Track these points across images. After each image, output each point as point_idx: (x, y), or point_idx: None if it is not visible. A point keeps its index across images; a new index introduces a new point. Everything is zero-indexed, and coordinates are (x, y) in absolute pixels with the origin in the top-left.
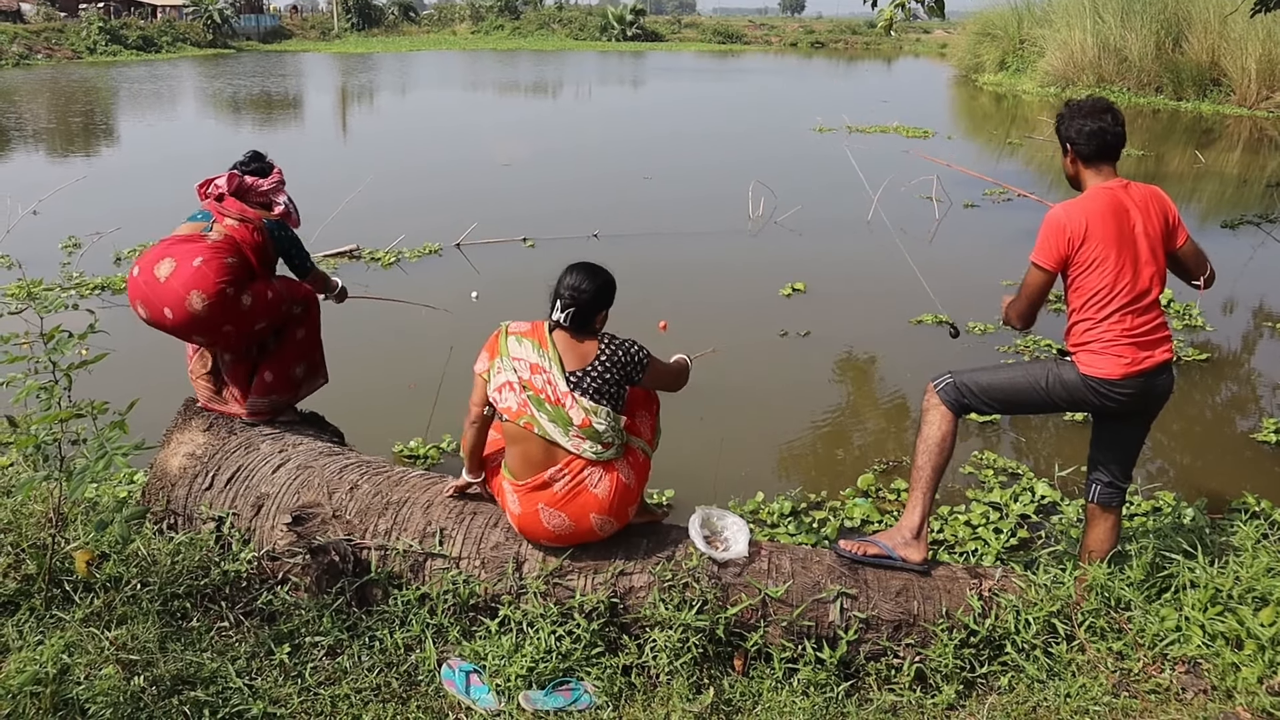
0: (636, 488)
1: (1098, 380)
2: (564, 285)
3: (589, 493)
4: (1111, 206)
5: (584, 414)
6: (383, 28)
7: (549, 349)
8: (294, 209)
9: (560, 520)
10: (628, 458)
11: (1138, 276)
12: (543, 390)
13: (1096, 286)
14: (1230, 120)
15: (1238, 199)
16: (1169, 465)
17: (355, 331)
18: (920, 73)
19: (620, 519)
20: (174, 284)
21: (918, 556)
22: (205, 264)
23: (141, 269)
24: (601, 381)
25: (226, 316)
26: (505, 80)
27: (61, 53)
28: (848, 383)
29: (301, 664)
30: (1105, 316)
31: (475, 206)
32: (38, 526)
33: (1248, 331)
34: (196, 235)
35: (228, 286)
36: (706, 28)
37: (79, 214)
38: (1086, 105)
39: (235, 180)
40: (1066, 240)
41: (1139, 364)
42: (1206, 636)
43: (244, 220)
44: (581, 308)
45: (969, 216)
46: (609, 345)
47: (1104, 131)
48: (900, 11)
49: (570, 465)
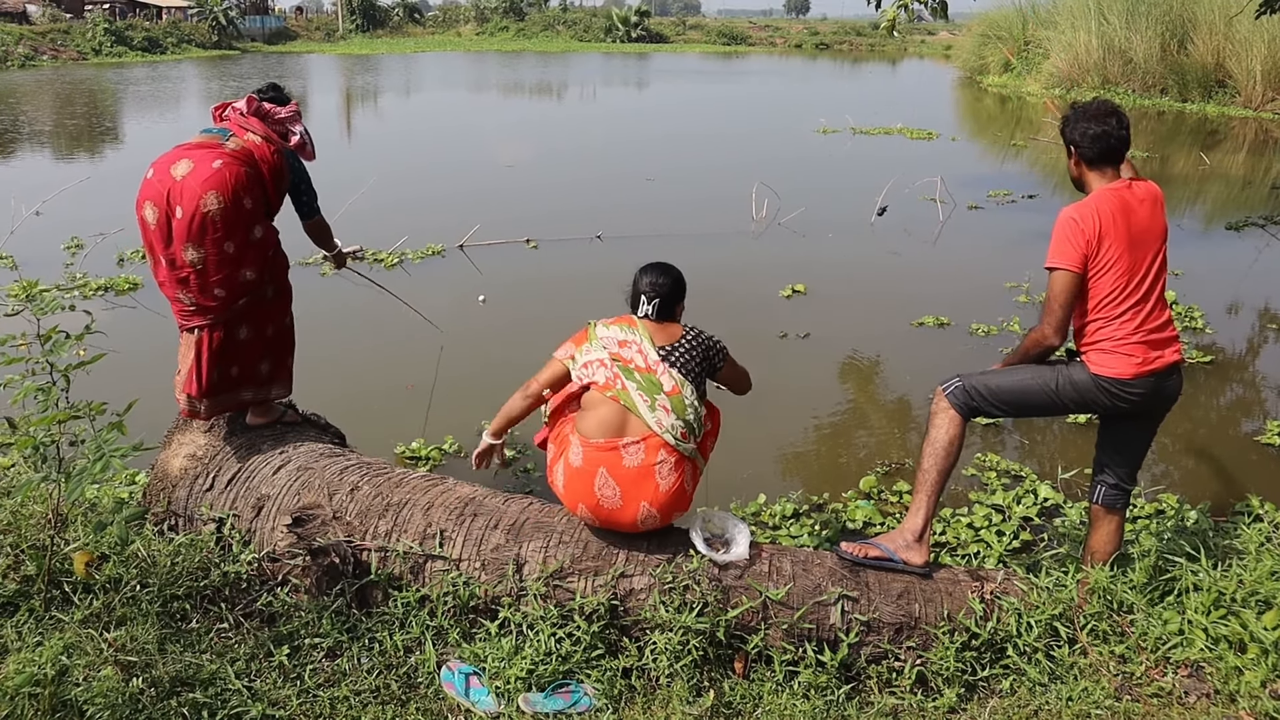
0: (689, 498)
1: (1109, 380)
2: (644, 283)
3: (654, 479)
4: (1120, 206)
5: (674, 382)
6: (387, 29)
7: (638, 327)
8: (309, 140)
9: (612, 493)
10: (693, 468)
11: (1147, 275)
12: (632, 360)
13: (1111, 287)
14: (1235, 122)
15: (1242, 201)
16: (1172, 467)
17: (356, 333)
18: (925, 74)
19: (664, 520)
20: (191, 182)
21: (919, 559)
22: (225, 167)
23: (156, 169)
24: (689, 359)
25: (233, 231)
26: (509, 81)
27: (67, 54)
28: (849, 385)
29: (301, 666)
30: (1118, 315)
31: (478, 207)
32: (37, 528)
33: (1252, 334)
34: (214, 142)
35: (245, 197)
36: (711, 29)
37: (82, 215)
38: (1092, 108)
39: (254, 103)
40: (1086, 241)
41: (1150, 364)
42: (1209, 640)
43: (267, 140)
44: (664, 298)
45: (973, 218)
46: (693, 330)
47: (1108, 135)
48: (904, 13)
49: (648, 441)
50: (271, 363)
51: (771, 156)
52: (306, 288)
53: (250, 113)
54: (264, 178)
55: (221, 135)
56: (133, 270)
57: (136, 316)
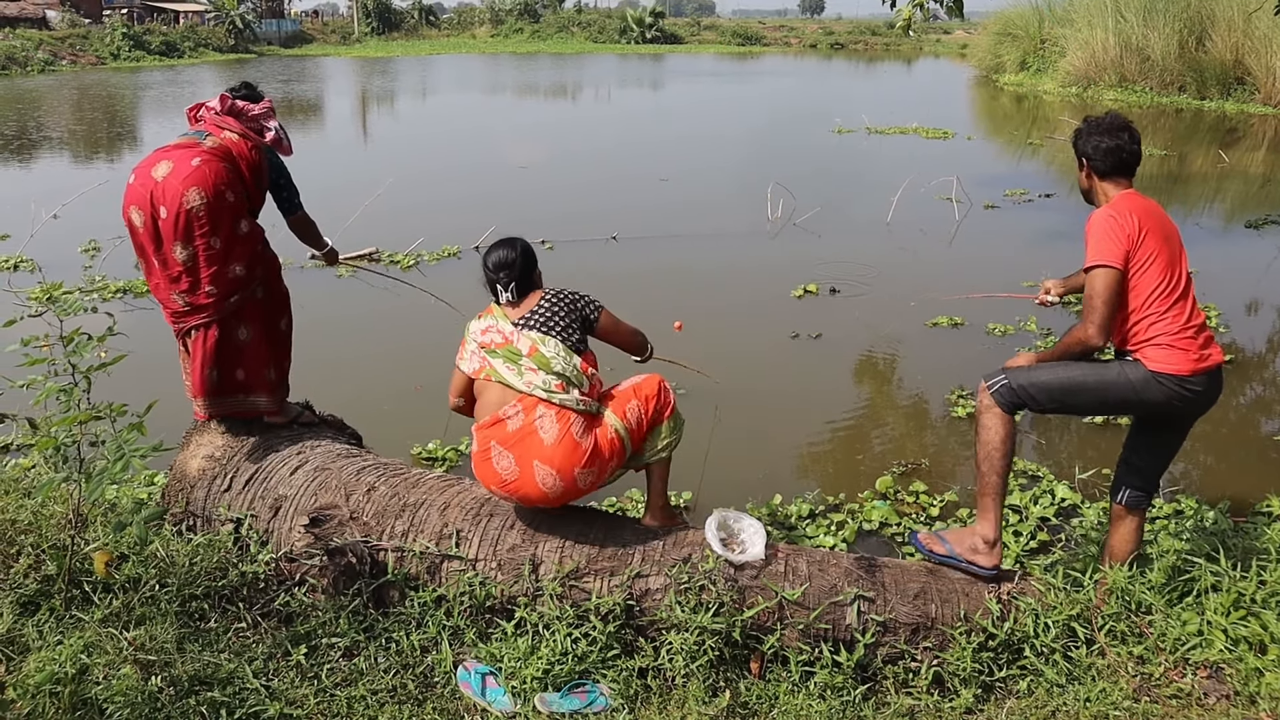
0: (593, 453)
1: (1168, 376)
2: (491, 267)
3: (536, 435)
4: (1149, 206)
5: (530, 343)
6: (403, 32)
7: (495, 313)
8: (285, 136)
9: (508, 463)
10: (592, 424)
11: (1183, 273)
12: (491, 341)
13: (1156, 281)
14: (1255, 119)
15: (1263, 198)
16: (1192, 467)
17: (371, 335)
18: (940, 73)
19: (565, 477)
20: (172, 181)
21: (989, 563)
22: (204, 164)
23: (137, 174)
24: (547, 316)
25: (218, 226)
26: (524, 83)
27: (86, 59)
28: (864, 385)
29: (318, 665)
30: (1167, 310)
31: (493, 209)
32: (58, 527)
33: (1273, 333)
34: (192, 142)
35: (227, 191)
36: (726, 29)
37: (99, 218)
38: (1105, 122)
39: (227, 101)
40: (1127, 236)
41: (1206, 360)
42: (1229, 641)
43: (244, 136)
44: (517, 279)
45: (989, 217)
46: (550, 291)
47: (1120, 149)
48: (919, 11)
49: (523, 402)
50: (278, 369)
51: (787, 157)
52: (323, 290)
53: (224, 111)
54: (243, 173)
55: (199, 136)
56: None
57: (155, 318)
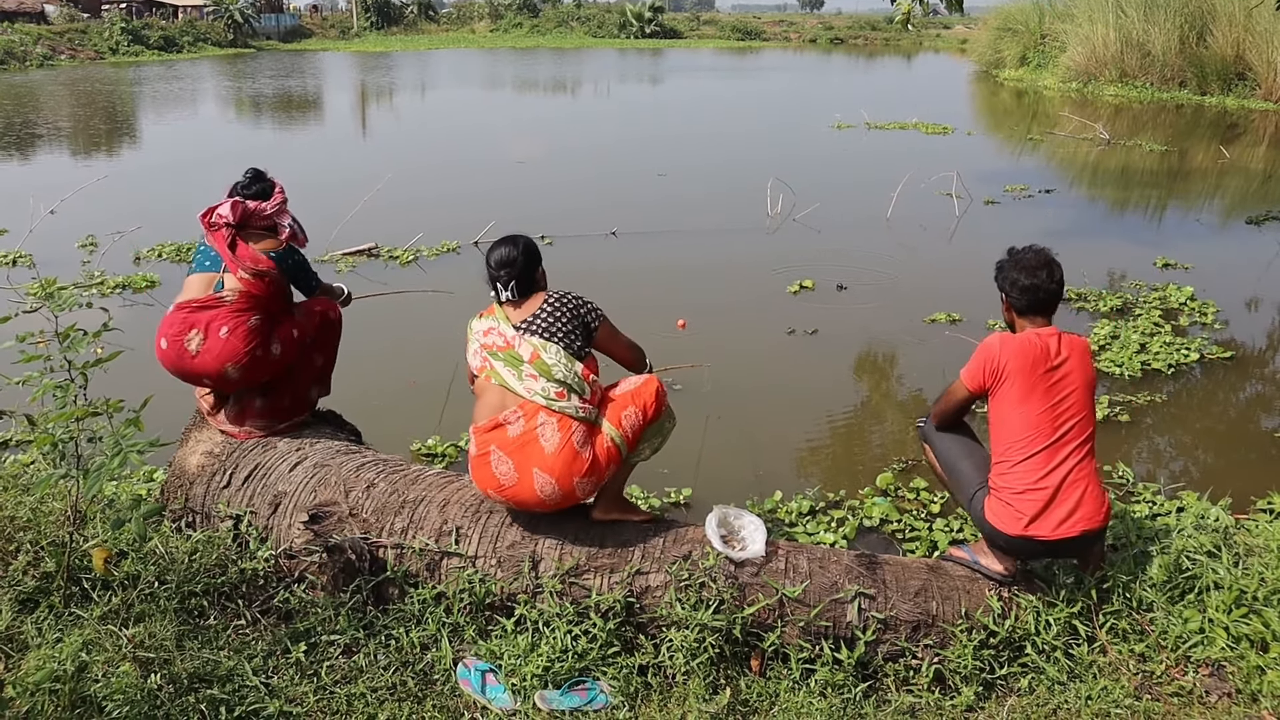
0: (592, 464)
1: (991, 529)
2: (493, 265)
3: (537, 443)
4: (1041, 352)
5: (532, 349)
6: (402, 26)
7: (497, 313)
8: (300, 228)
9: (506, 468)
10: (591, 432)
11: (1061, 425)
12: (493, 344)
13: (1018, 429)
14: (1256, 115)
15: (1263, 194)
16: (1191, 464)
17: (371, 330)
18: (940, 68)
19: (564, 485)
20: (206, 359)
21: (998, 566)
22: (232, 333)
23: (169, 342)
24: (549, 321)
25: (261, 372)
26: (523, 78)
27: (84, 53)
28: (863, 381)
29: (318, 662)
30: (1023, 460)
31: (492, 204)
32: (56, 524)
33: (1272, 329)
34: (212, 300)
35: (257, 349)
36: (725, 24)
37: (96, 213)
38: (1026, 259)
39: (240, 209)
40: (991, 371)
41: (1036, 528)
42: (1230, 639)
43: (258, 275)
44: (519, 277)
45: (990, 213)
46: (553, 294)
47: (1038, 289)
48: (919, 6)
49: (524, 408)
50: (320, 386)
51: (786, 152)
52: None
53: (237, 220)
54: (268, 302)
55: (215, 268)
56: (149, 268)
57: (154, 314)
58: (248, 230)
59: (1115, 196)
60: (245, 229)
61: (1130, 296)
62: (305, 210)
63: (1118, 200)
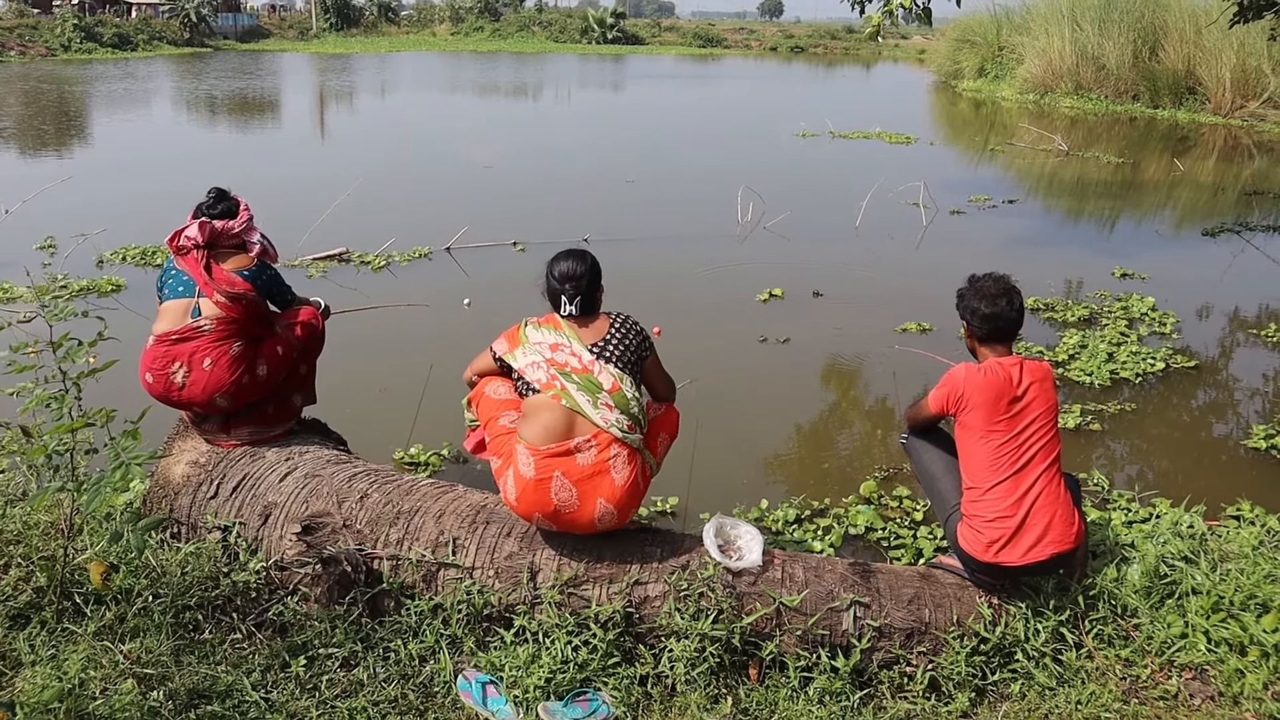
0: (642, 494)
1: (963, 554)
2: (557, 277)
3: (610, 476)
4: (1005, 383)
5: (613, 379)
6: (361, 28)
7: (563, 329)
8: (269, 244)
9: (568, 496)
10: (644, 463)
11: (1025, 451)
12: (566, 363)
13: (978, 457)
14: (1205, 128)
15: (1213, 206)
16: (1163, 471)
17: (345, 338)
18: (900, 78)
19: (621, 518)
20: (194, 391)
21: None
22: (215, 364)
23: (155, 376)
24: (622, 350)
25: (250, 395)
26: (486, 82)
27: (35, 49)
28: (836, 389)
29: (317, 676)
30: (992, 486)
31: (461, 209)
32: (46, 537)
33: (1229, 339)
34: (190, 330)
35: (243, 376)
36: (686, 31)
37: (53, 214)
38: (987, 288)
39: (207, 229)
40: (955, 399)
41: (1003, 554)
42: (1211, 643)
43: (234, 298)
44: (584, 294)
45: (955, 223)
46: (617, 318)
47: (998, 317)
48: (889, 19)
49: (598, 437)
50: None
51: (752, 160)
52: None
53: (205, 241)
54: (246, 325)
55: (189, 294)
56: (114, 271)
57: (120, 318)
58: (217, 250)
59: (1074, 207)
60: (214, 248)
61: (1095, 306)
62: (268, 212)
63: (1077, 210)
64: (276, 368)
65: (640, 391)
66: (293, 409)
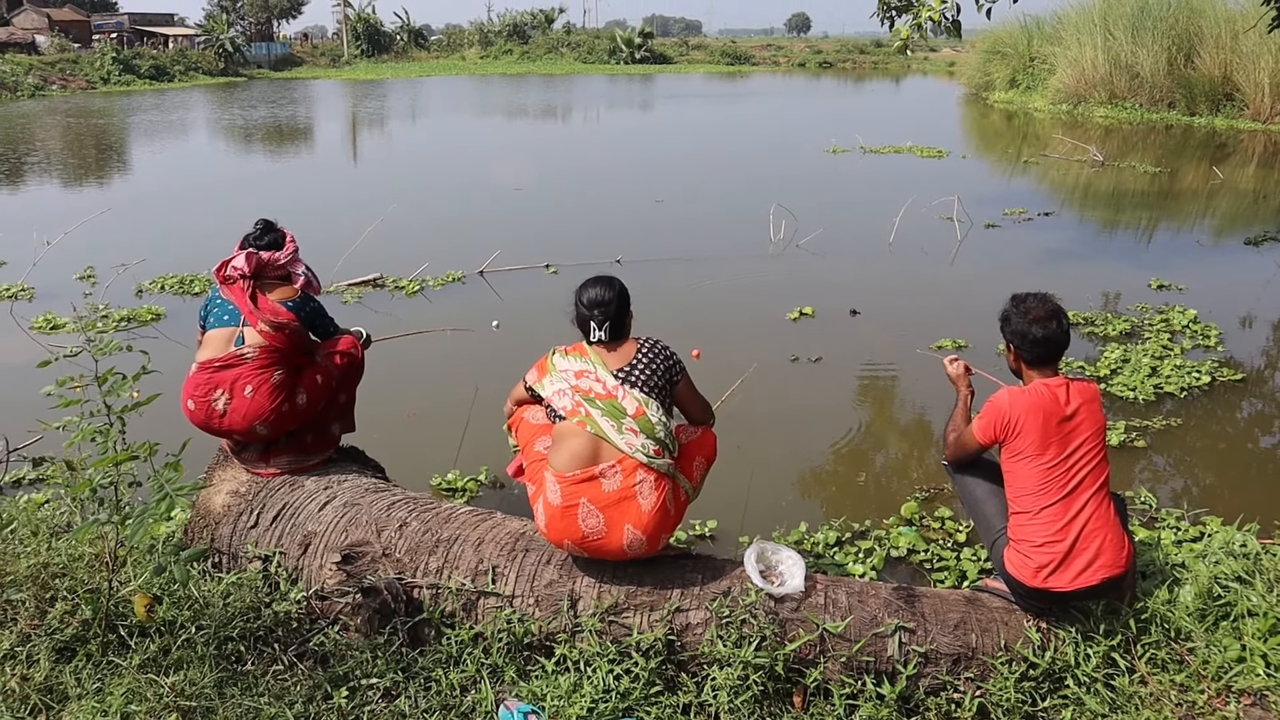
0: (674, 519)
1: (1011, 580)
2: (585, 304)
3: (635, 501)
4: (1053, 405)
5: (637, 404)
6: (392, 54)
7: (589, 356)
8: (313, 276)
9: (596, 522)
10: (674, 487)
11: (1074, 474)
12: (590, 390)
13: (1025, 480)
14: (1244, 135)
15: (1255, 214)
16: (1211, 488)
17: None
18: (930, 91)
19: (651, 544)
20: (235, 419)
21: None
22: (256, 392)
23: (197, 403)
24: (649, 374)
25: (290, 423)
26: (515, 105)
27: (76, 83)
28: (872, 408)
29: (359, 707)
30: (1041, 510)
31: (492, 232)
32: (90, 570)
33: (1276, 349)
34: (234, 358)
35: (284, 404)
36: (714, 49)
37: (93, 245)
38: (1034, 310)
39: (253, 260)
40: (1003, 426)
41: (1053, 580)
42: (1270, 667)
43: (278, 327)
44: (612, 319)
45: (990, 236)
46: (646, 342)
47: (1049, 340)
48: (917, 33)
49: (623, 464)
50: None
51: (783, 177)
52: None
53: (251, 271)
54: (289, 354)
55: (234, 323)
56: (153, 301)
57: (160, 347)
58: (263, 280)
59: (1111, 218)
60: (260, 279)
61: (1135, 319)
62: (303, 239)
63: (1114, 222)
64: (316, 397)
65: (670, 416)
66: (331, 438)
